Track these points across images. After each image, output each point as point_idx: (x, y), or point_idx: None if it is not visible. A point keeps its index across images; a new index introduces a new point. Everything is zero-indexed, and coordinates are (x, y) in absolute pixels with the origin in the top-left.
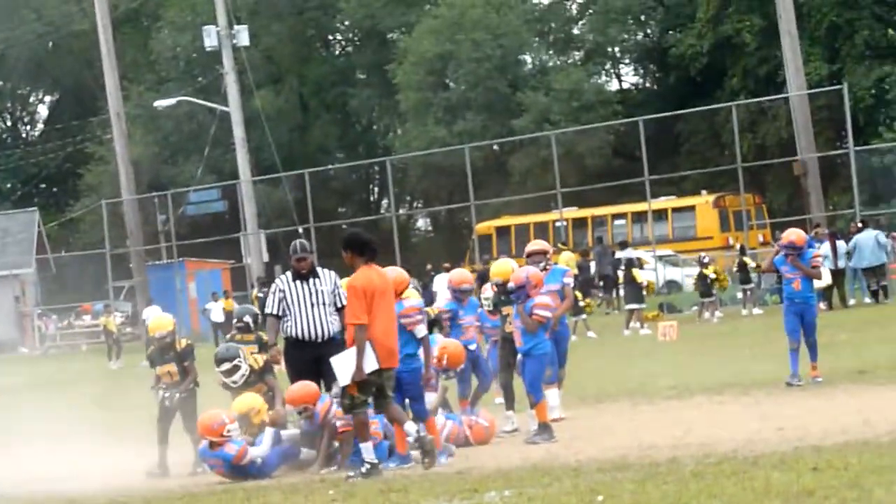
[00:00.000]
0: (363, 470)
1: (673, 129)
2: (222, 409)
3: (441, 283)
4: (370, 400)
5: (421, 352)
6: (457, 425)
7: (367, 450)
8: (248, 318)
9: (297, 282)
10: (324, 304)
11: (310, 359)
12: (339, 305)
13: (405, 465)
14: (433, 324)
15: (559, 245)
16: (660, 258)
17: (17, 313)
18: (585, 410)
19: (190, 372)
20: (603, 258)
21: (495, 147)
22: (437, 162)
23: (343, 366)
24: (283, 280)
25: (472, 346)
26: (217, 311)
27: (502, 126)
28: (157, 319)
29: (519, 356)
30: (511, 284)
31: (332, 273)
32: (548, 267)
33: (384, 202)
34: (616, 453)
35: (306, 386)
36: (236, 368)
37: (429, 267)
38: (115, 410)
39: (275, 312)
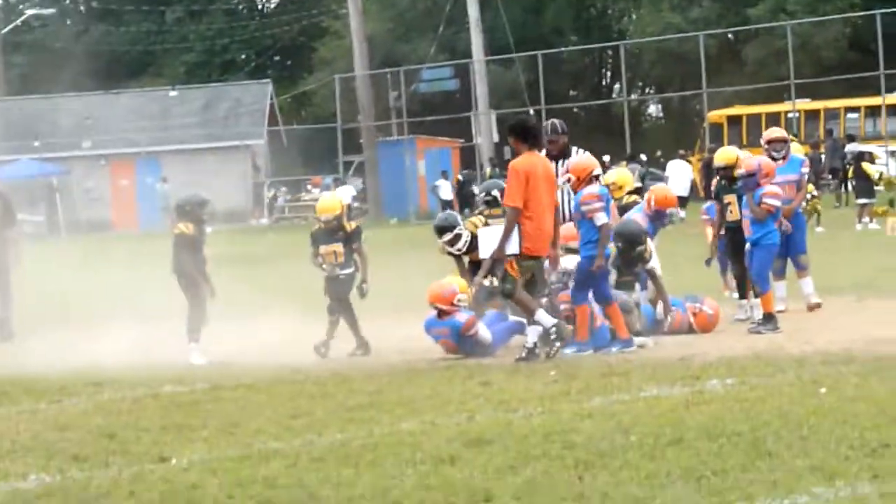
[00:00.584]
0: (523, 354)
1: None
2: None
3: (674, 169)
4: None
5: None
6: (681, 312)
7: (534, 332)
8: (495, 192)
9: (551, 163)
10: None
11: None
12: None
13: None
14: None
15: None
16: (892, 153)
17: (250, 183)
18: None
19: (359, 253)
20: (834, 151)
21: (730, 35)
22: (670, 48)
23: (488, 240)
24: None
25: None
26: (446, 189)
27: (737, 14)
28: (326, 201)
29: (747, 245)
30: (741, 171)
31: (586, 154)
32: (786, 156)
33: (616, 87)
34: (841, 346)
35: None
36: (458, 237)
37: (659, 153)
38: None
39: (497, 196)
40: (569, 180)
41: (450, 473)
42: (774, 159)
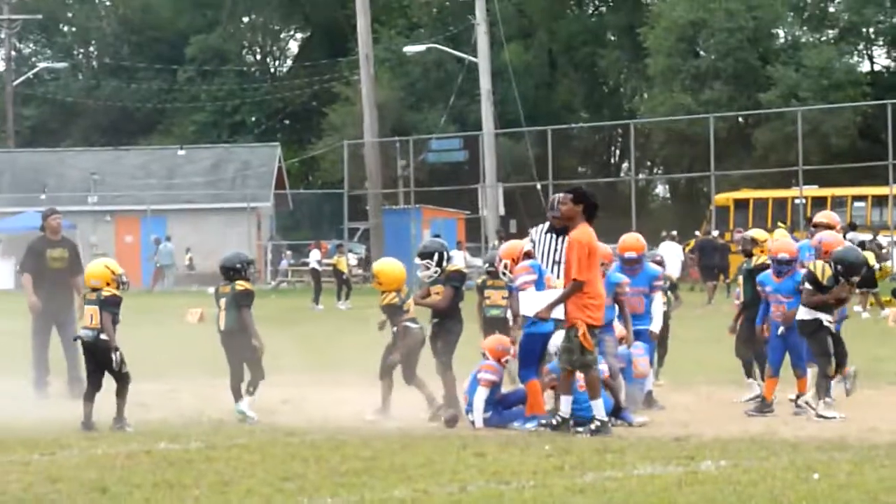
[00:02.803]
0: (593, 427)
1: None
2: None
3: (667, 251)
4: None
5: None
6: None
7: (598, 407)
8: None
9: (550, 234)
10: (562, 262)
11: None
12: None
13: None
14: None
15: (778, 223)
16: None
17: (253, 246)
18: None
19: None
20: None
21: (740, 119)
22: (680, 129)
23: (532, 300)
24: (537, 231)
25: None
26: (458, 259)
27: (748, 98)
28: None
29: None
30: (784, 255)
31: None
32: None
33: (624, 165)
34: (835, 433)
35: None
36: (429, 267)
37: (663, 234)
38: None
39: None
40: (505, 266)
41: None
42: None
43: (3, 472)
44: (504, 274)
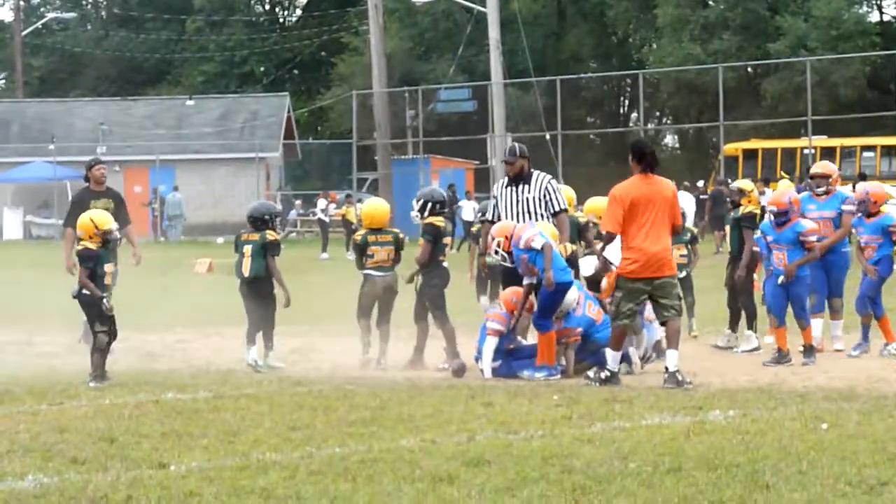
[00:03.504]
0: (602, 376)
1: None
2: None
3: (683, 202)
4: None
5: None
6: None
7: (614, 358)
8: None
9: (509, 187)
10: (528, 211)
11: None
12: (554, 209)
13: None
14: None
15: (782, 174)
16: None
17: (264, 195)
18: None
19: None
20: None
21: (749, 69)
22: (689, 79)
23: (589, 261)
24: (499, 185)
25: None
26: (468, 210)
27: (757, 49)
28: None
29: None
30: (772, 208)
31: (547, 177)
32: (829, 191)
33: (633, 115)
34: (844, 383)
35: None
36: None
37: (673, 183)
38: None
39: (489, 218)
40: (498, 245)
41: (447, 492)
42: (817, 196)
43: (12, 423)
44: (497, 252)
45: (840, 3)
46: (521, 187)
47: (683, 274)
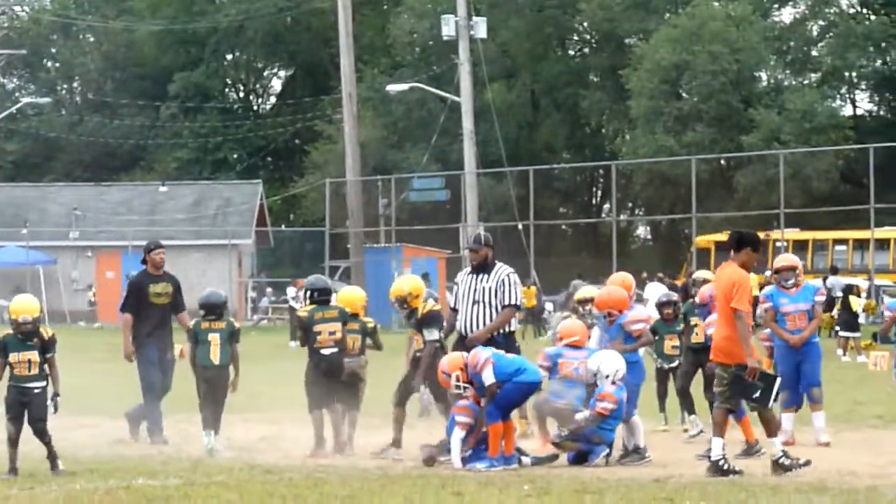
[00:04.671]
0: (722, 466)
1: None
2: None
3: (652, 291)
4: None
5: None
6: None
7: (718, 444)
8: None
9: (471, 275)
10: (481, 301)
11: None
12: (506, 302)
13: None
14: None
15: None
16: (879, 288)
17: (236, 282)
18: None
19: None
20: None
21: (722, 161)
22: (662, 171)
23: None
24: (462, 272)
25: None
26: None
27: (731, 141)
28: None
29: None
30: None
31: (507, 270)
32: (798, 283)
33: (606, 206)
34: (815, 476)
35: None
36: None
37: (644, 275)
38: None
39: (451, 305)
40: (458, 379)
41: None
42: (786, 289)
43: None
44: (458, 387)
45: (813, 96)
46: (480, 276)
47: (675, 364)
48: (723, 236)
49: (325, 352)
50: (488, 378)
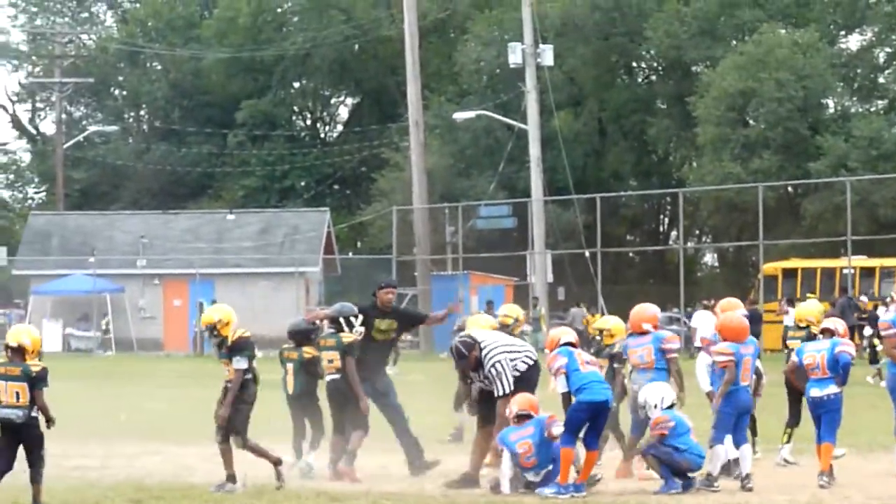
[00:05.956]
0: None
1: None
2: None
3: (700, 320)
4: None
5: None
6: None
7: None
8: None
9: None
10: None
11: None
12: None
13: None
14: None
15: (807, 294)
16: None
17: (301, 311)
18: (854, 459)
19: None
20: (846, 310)
21: (789, 188)
22: (729, 198)
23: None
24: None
25: None
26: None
27: (798, 168)
28: None
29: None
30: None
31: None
32: None
33: (673, 233)
34: (809, 501)
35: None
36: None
37: (711, 302)
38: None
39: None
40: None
41: None
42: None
43: None
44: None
45: (880, 123)
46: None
47: None
48: (790, 263)
49: (328, 378)
50: (561, 387)
